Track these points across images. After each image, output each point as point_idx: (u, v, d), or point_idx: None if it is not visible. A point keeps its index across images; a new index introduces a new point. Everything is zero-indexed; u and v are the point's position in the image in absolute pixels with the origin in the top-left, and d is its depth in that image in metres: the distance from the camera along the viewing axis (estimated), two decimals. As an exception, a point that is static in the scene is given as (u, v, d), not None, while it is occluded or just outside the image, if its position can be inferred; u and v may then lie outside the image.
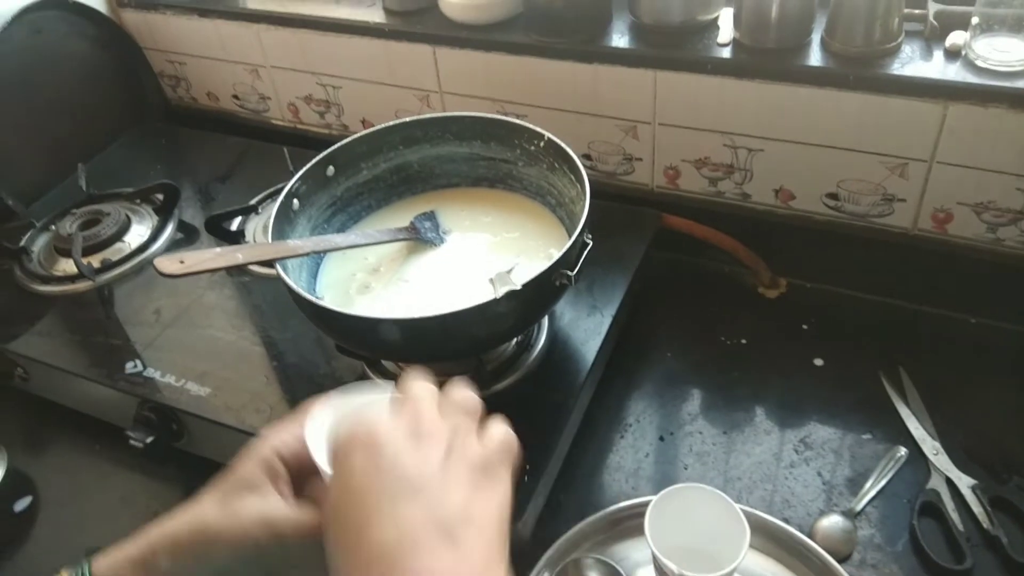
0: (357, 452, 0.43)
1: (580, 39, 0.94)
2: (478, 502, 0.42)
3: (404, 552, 0.39)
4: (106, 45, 1.25)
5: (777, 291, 0.96)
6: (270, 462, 0.50)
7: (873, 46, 0.82)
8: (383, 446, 0.42)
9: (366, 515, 0.40)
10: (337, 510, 0.42)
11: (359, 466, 0.42)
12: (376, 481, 0.41)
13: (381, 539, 0.39)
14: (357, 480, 0.42)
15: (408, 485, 0.41)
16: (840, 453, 0.79)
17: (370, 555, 0.39)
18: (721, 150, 0.93)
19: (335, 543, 0.42)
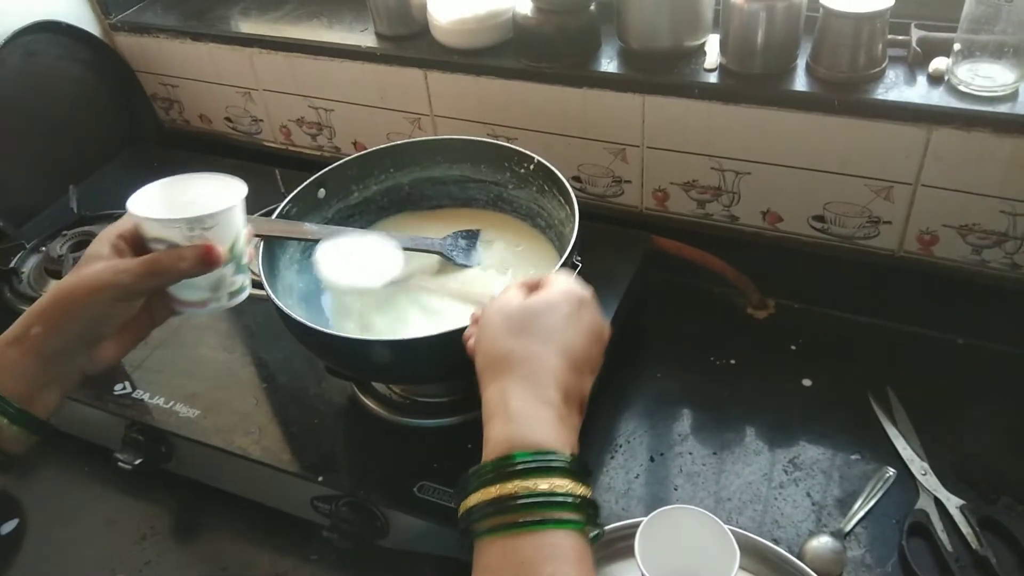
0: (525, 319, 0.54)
1: (569, 64, 0.95)
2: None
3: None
4: (99, 68, 1.26)
5: (765, 312, 0.96)
6: (113, 241, 0.59)
7: (858, 71, 0.83)
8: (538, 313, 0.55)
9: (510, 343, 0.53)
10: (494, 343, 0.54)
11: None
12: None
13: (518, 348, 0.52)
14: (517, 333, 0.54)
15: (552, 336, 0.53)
16: (829, 473, 0.79)
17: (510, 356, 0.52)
18: (709, 173, 0.94)
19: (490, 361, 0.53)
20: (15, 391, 0.55)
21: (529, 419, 0.48)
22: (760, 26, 0.84)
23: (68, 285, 0.56)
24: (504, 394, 0.50)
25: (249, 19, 1.18)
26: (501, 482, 0.46)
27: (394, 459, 0.78)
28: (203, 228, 0.58)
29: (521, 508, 0.45)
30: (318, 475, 0.76)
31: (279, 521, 0.82)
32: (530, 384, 0.50)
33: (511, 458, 0.46)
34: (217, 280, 0.61)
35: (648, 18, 0.90)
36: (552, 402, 0.50)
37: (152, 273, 0.57)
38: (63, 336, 0.56)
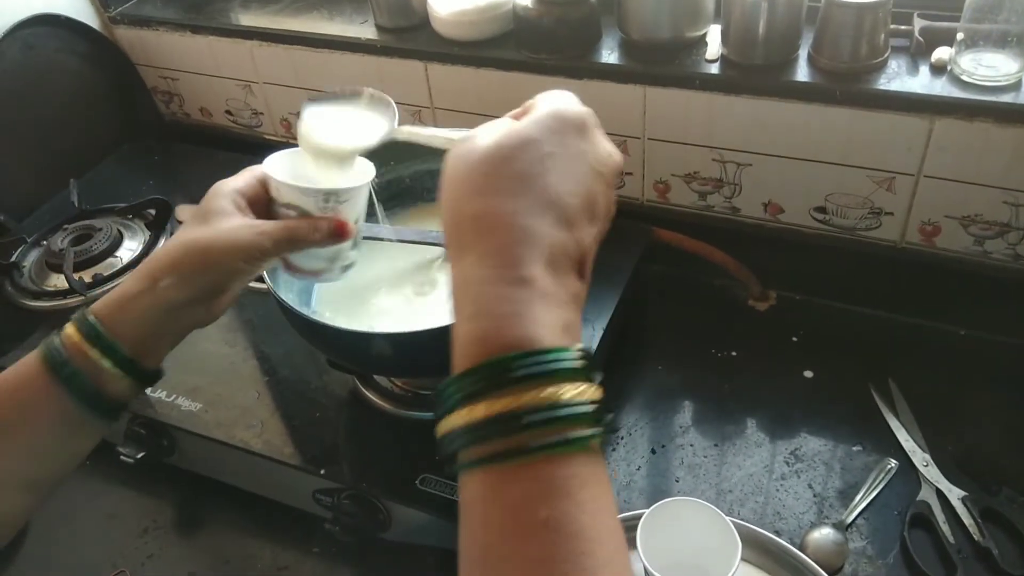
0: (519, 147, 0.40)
1: (570, 55, 0.95)
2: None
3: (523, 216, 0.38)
4: (99, 61, 1.26)
5: (767, 303, 0.96)
6: (235, 198, 0.58)
7: (860, 62, 0.83)
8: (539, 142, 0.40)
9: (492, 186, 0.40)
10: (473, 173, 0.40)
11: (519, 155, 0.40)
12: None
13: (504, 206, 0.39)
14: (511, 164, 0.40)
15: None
16: (831, 465, 0.79)
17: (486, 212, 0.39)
18: (710, 164, 0.94)
19: (457, 198, 0.41)
20: (135, 345, 0.55)
21: (500, 310, 0.37)
22: (762, 16, 0.83)
23: (204, 239, 0.56)
24: (466, 278, 0.39)
25: (249, 11, 1.17)
26: (472, 401, 0.35)
27: (396, 452, 0.78)
28: (337, 201, 0.59)
29: (498, 437, 0.35)
30: (320, 468, 0.76)
31: (281, 514, 0.82)
32: (499, 261, 0.38)
33: (479, 368, 0.36)
34: (336, 253, 0.62)
35: (649, 9, 0.89)
36: (531, 279, 0.37)
37: (290, 239, 0.58)
38: (193, 290, 0.56)
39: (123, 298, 0.56)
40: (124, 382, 0.56)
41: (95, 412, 0.55)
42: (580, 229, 0.40)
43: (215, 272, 0.56)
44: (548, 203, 0.39)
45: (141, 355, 0.56)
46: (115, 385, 0.55)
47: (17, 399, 0.54)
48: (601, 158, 0.42)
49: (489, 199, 0.39)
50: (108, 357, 0.54)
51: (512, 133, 0.41)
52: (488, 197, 0.39)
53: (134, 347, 0.55)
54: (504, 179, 0.39)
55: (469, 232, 0.39)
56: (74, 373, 0.54)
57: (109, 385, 0.55)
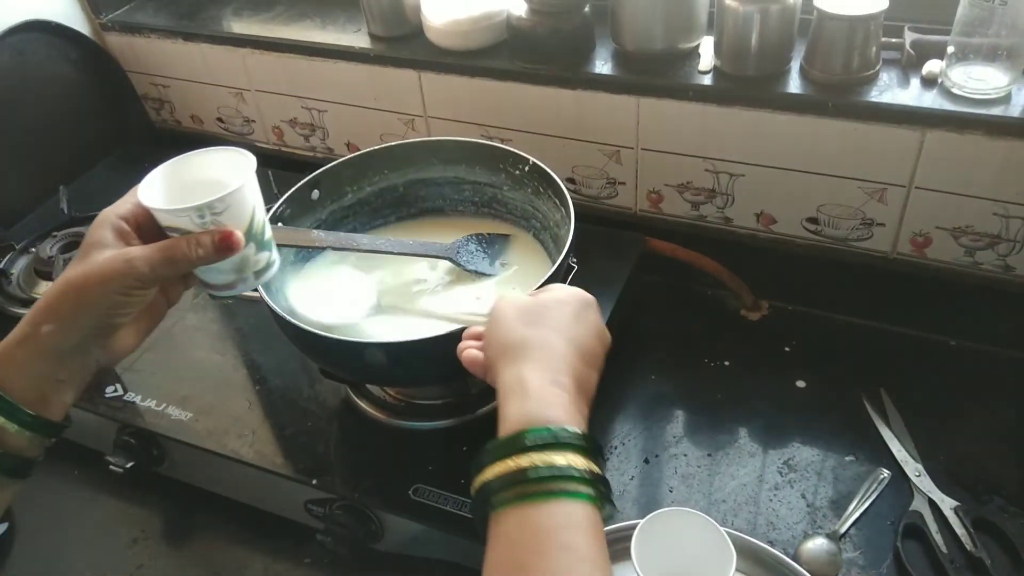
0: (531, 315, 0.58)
1: (563, 65, 0.95)
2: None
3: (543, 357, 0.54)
4: (89, 68, 1.25)
5: (759, 313, 0.96)
6: (116, 225, 0.56)
7: (851, 74, 0.83)
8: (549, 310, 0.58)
9: (523, 339, 0.56)
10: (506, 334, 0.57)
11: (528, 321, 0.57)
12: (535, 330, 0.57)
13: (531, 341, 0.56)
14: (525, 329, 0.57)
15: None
16: (823, 475, 0.79)
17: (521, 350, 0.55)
18: (703, 175, 0.94)
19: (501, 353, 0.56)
20: (28, 395, 0.52)
21: (544, 398, 0.51)
22: (754, 28, 0.84)
23: (77, 277, 0.53)
24: (521, 376, 0.52)
25: (241, 19, 1.17)
26: (516, 455, 0.48)
27: (389, 462, 0.77)
28: (213, 213, 0.55)
29: (535, 480, 0.47)
30: (312, 478, 0.75)
31: (273, 525, 0.81)
32: (545, 368, 0.53)
33: (526, 433, 0.48)
34: (240, 261, 0.59)
35: (642, 20, 0.90)
36: (565, 386, 0.52)
37: (169, 260, 0.54)
38: (76, 331, 0.53)
39: (7, 348, 0.53)
40: (23, 437, 0.53)
41: (1, 472, 0.53)
42: (591, 369, 0.57)
43: (94, 310, 0.53)
44: (576, 342, 0.56)
45: (40, 406, 0.53)
46: (14, 441, 0.53)
47: None
48: (603, 329, 0.60)
49: (537, 330, 0.56)
50: (1, 413, 0.52)
51: (550, 296, 0.60)
52: (536, 329, 0.56)
53: (27, 398, 0.52)
54: (547, 320, 0.57)
55: (521, 348, 0.55)
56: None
57: (9, 442, 0.52)
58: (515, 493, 0.47)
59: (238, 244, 0.56)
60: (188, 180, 0.58)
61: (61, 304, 0.53)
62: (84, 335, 0.54)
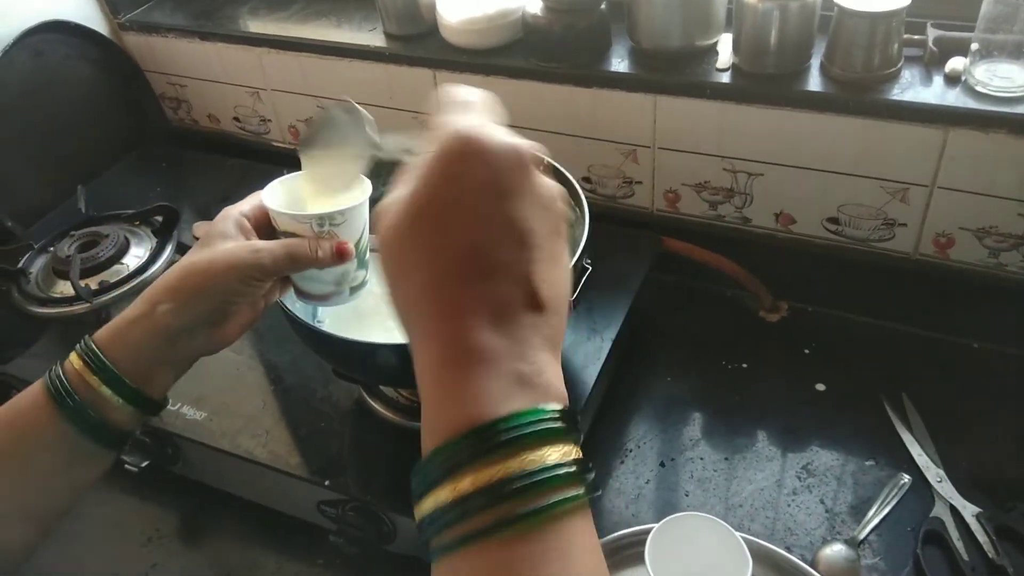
0: (469, 160, 0.35)
1: (579, 64, 0.94)
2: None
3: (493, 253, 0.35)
4: (107, 67, 1.26)
5: (778, 315, 0.95)
6: (239, 221, 0.58)
7: (872, 71, 0.82)
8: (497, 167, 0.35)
9: (462, 218, 0.35)
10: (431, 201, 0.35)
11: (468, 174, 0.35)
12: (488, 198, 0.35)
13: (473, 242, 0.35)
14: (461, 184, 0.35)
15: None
16: (843, 480, 0.78)
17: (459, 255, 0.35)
18: (721, 174, 0.93)
19: (415, 237, 0.36)
20: (134, 370, 0.54)
21: (443, 393, 0.34)
22: (774, 25, 0.82)
23: (202, 261, 0.55)
24: (418, 364, 0.36)
25: (258, 18, 1.17)
26: (452, 477, 0.32)
27: (402, 463, 0.77)
28: (332, 224, 0.58)
29: (508, 496, 0.31)
30: (325, 479, 0.75)
31: (286, 525, 0.81)
32: (437, 340, 0.35)
33: (433, 456, 0.33)
34: (341, 275, 0.62)
35: (659, 17, 0.89)
36: (471, 348, 0.34)
37: (291, 257, 0.57)
38: (191, 313, 0.55)
39: (122, 324, 0.55)
40: (126, 411, 0.55)
41: (98, 442, 0.54)
42: (512, 263, 0.35)
43: (213, 294, 0.55)
44: (463, 262, 0.35)
45: (143, 383, 0.55)
46: (117, 414, 0.54)
47: (18, 428, 0.53)
48: (498, 173, 0.35)
49: (410, 280, 0.36)
50: (109, 385, 0.54)
51: (405, 204, 0.35)
52: (409, 278, 0.36)
53: (135, 375, 0.54)
54: (412, 256, 0.36)
55: (408, 321, 0.37)
56: (76, 402, 0.53)
57: (111, 414, 0.54)
58: (462, 531, 0.32)
59: (350, 255, 0.60)
60: (300, 195, 0.62)
61: (182, 285, 0.55)
62: (197, 318, 0.55)
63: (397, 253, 0.36)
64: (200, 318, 0.56)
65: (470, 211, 0.35)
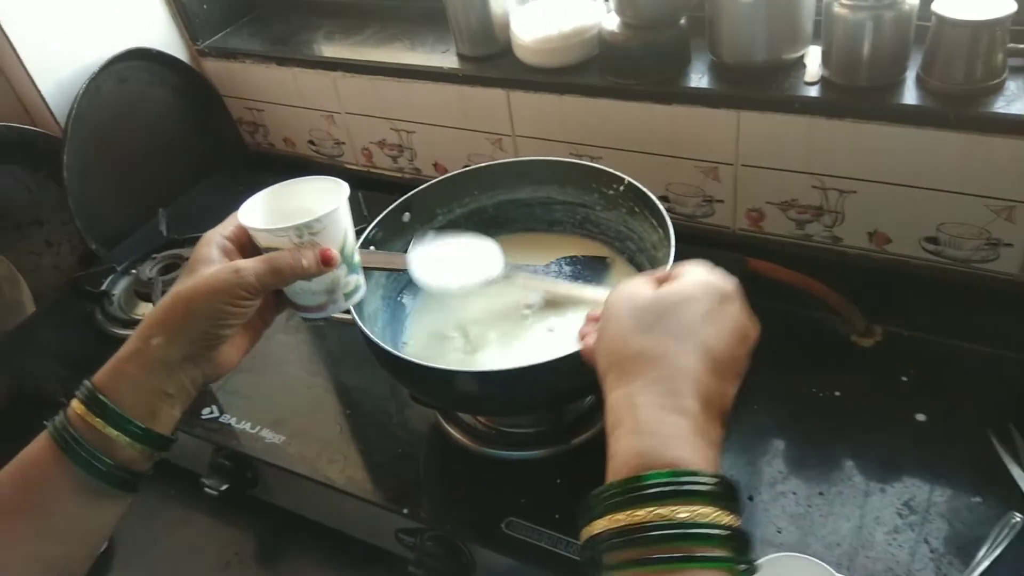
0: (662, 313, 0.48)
1: (658, 80, 0.92)
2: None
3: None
4: (187, 93, 1.29)
5: (872, 340, 0.90)
6: (220, 244, 0.58)
7: (975, 83, 0.77)
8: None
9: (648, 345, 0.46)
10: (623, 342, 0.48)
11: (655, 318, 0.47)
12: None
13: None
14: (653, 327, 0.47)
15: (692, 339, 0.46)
16: (948, 518, 0.73)
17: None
18: (809, 192, 0.89)
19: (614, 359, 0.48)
20: (138, 409, 0.54)
21: (663, 431, 0.42)
22: (866, 36, 0.79)
23: (186, 289, 0.55)
24: (633, 400, 0.44)
25: (333, 43, 1.18)
26: (632, 507, 0.39)
27: (480, 492, 0.75)
28: (311, 233, 0.58)
29: (656, 541, 0.38)
30: (402, 507, 0.74)
31: (364, 552, 0.80)
32: (664, 389, 0.43)
33: (642, 479, 0.40)
34: (332, 283, 0.61)
35: (744, 31, 0.86)
36: (690, 412, 0.43)
37: (273, 270, 0.56)
38: (185, 342, 0.55)
39: (118, 363, 0.55)
40: (135, 449, 0.54)
41: (111, 484, 0.54)
42: (727, 381, 0.46)
43: (202, 320, 0.55)
44: (705, 352, 0.45)
45: (148, 419, 0.54)
46: (126, 454, 0.54)
47: (30, 482, 0.53)
48: (745, 325, 0.49)
49: (655, 338, 0.46)
50: (114, 426, 0.53)
51: (676, 289, 0.48)
52: (654, 337, 0.46)
53: (138, 412, 0.54)
54: (669, 323, 0.46)
55: (635, 362, 0.45)
56: (84, 447, 0.52)
57: (120, 454, 0.54)
58: (629, 556, 0.39)
59: (335, 260, 0.59)
60: (284, 207, 0.62)
61: (170, 316, 0.55)
62: (192, 346, 0.55)
63: (651, 314, 0.47)
64: (194, 346, 0.55)
65: (725, 329, 0.47)
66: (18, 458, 0.54)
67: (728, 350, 0.46)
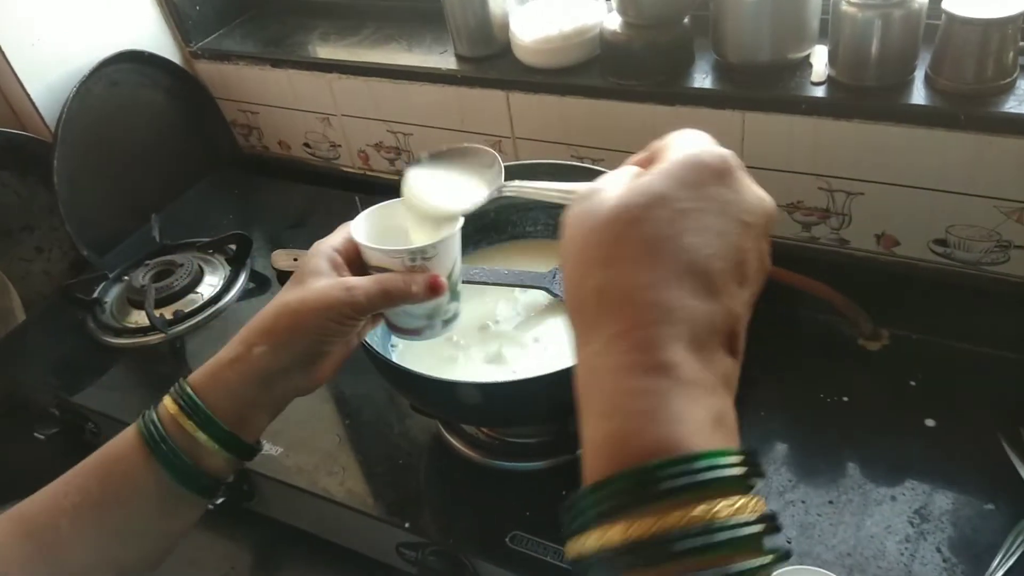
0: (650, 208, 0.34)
1: (661, 81, 0.90)
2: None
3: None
4: (180, 95, 1.27)
5: (879, 343, 0.89)
6: (331, 256, 0.56)
7: (985, 83, 0.76)
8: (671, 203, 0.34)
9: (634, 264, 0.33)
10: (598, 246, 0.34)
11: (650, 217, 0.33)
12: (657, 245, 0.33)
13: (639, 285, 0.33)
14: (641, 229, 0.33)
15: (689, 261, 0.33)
16: (960, 526, 0.71)
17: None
18: (816, 193, 0.88)
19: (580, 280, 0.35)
20: (229, 414, 0.53)
21: (636, 405, 0.31)
22: (875, 35, 0.77)
23: (295, 301, 0.54)
24: (593, 365, 0.33)
25: (328, 44, 1.16)
26: (629, 514, 0.29)
27: (484, 505, 0.73)
28: (424, 258, 0.57)
29: (676, 557, 0.28)
30: (404, 520, 0.72)
31: (364, 566, 0.78)
32: (633, 342, 0.32)
33: (618, 479, 0.30)
34: (434, 308, 0.60)
35: (748, 30, 0.84)
36: (672, 364, 0.31)
37: (385, 293, 0.55)
38: (287, 355, 0.54)
39: (217, 368, 0.54)
40: (221, 456, 0.53)
41: (192, 489, 0.53)
42: (728, 295, 0.33)
43: (308, 335, 0.54)
44: (686, 270, 0.32)
45: (238, 427, 0.53)
46: (212, 460, 0.53)
47: (114, 476, 0.52)
48: (749, 206, 0.35)
49: (615, 270, 0.33)
50: (205, 430, 0.52)
51: (639, 189, 0.34)
52: (614, 267, 0.33)
53: (230, 419, 0.53)
54: (631, 245, 0.33)
55: (593, 310, 0.34)
56: (171, 447, 0.51)
57: (206, 460, 0.53)
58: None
59: (443, 288, 0.57)
60: (393, 224, 0.61)
61: (276, 326, 0.54)
62: (294, 359, 0.54)
63: (609, 236, 0.34)
64: (296, 359, 0.54)
65: (711, 226, 0.33)
66: (102, 450, 0.53)
67: (721, 252, 0.33)
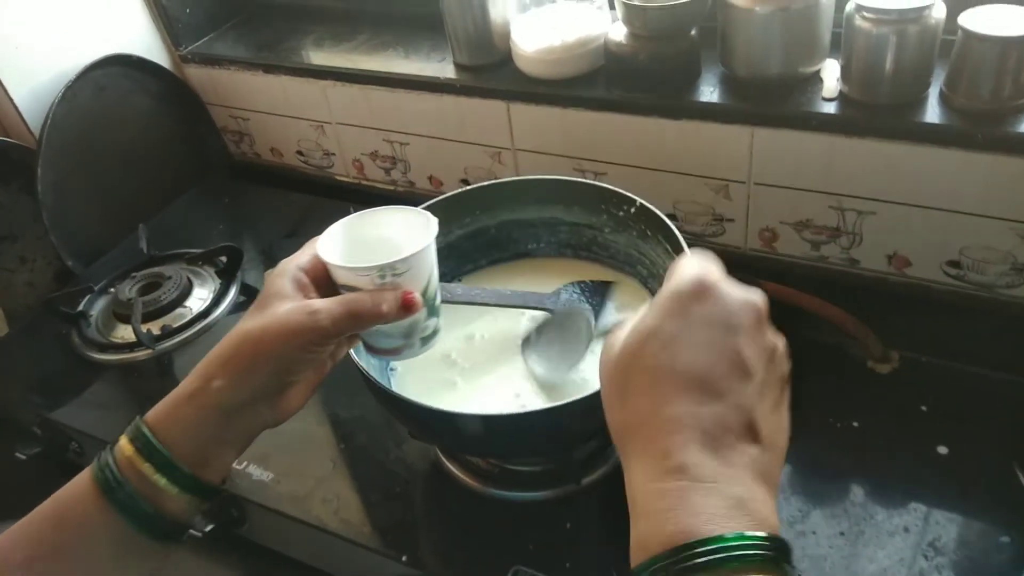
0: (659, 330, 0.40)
1: (666, 94, 0.88)
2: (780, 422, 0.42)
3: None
4: (169, 101, 1.23)
5: (889, 366, 0.86)
6: (296, 277, 0.53)
7: (1002, 102, 0.74)
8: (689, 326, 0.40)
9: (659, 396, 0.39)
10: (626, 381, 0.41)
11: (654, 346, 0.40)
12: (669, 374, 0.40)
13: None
14: (650, 361, 0.40)
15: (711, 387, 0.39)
16: (976, 559, 0.69)
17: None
18: (826, 212, 0.86)
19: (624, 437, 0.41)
20: (189, 454, 0.50)
21: (658, 505, 0.36)
22: (889, 51, 0.75)
23: (255, 329, 0.50)
24: (629, 481, 0.39)
25: (322, 50, 1.13)
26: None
27: (484, 537, 0.71)
28: (394, 274, 0.53)
29: None
30: (401, 553, 0.69)
31: (357, 597, 0.76)
32: (652, 456, 0.38)
33: (642, 568, 0.35)
34: (410, 326, 0.56)
35: (758, 43, 0.82)
36: (686, 465, 0.37)
37: (352, 315, 0.51)
38: (249, 387, 0.50)
39: (175, 403, 0.50)
40: (182, 500, 0.50)
41: (151, 535, 0.49)
42: (733, 393, 0.39)
43: (271, 364, 0.50)
44: (686, 385, 0.38)
45: (199, 467, 0.50)
46: (172, 504, 0.49)
47: (67, 523, 0.49)
48: (732, 311, 0.40)
49: (629, 404, 0.40)
50: (163, 473, 0.49)
51: (635, 329, 0.41)
52: (628, 402, 0.40)
53: (190, 459, 0.50)
54: (636, 379, 0.40)
55: (624, 438, 0.41)
56: (128, 492, 0.48)
57: (166, 504, 0.49)
58: None
59: (418, 306, 0.54)
60: (364, 237, 0.57)
61: (236, 356, 0.50)
62: (256, 392, 0.51)
63: (620, 377, 0.41)
64: (259, 391, 0.51)
65: (699, 341, 0.39)
66: (55, 497, 0.50)
67: (714, 360, 0.39)
